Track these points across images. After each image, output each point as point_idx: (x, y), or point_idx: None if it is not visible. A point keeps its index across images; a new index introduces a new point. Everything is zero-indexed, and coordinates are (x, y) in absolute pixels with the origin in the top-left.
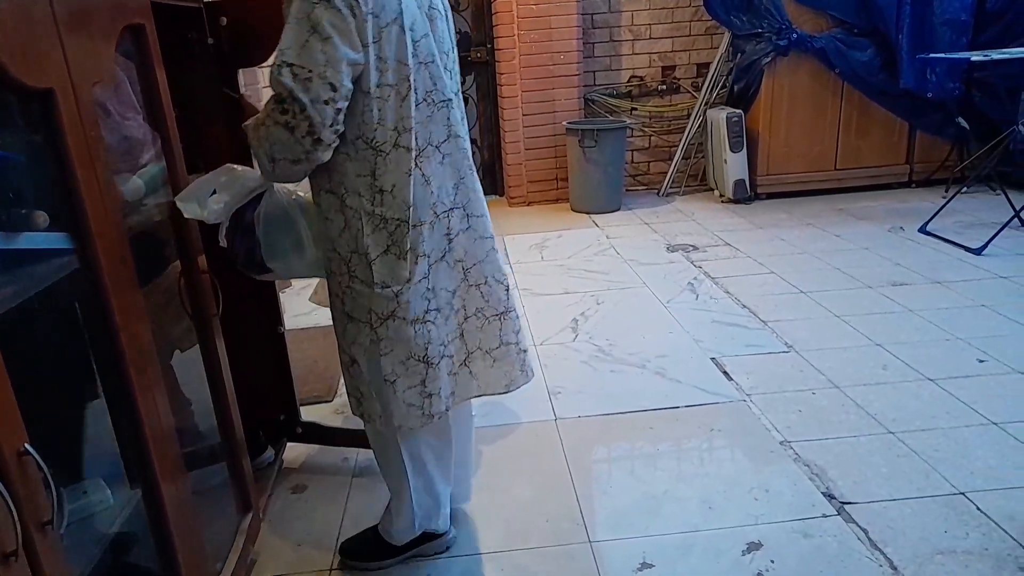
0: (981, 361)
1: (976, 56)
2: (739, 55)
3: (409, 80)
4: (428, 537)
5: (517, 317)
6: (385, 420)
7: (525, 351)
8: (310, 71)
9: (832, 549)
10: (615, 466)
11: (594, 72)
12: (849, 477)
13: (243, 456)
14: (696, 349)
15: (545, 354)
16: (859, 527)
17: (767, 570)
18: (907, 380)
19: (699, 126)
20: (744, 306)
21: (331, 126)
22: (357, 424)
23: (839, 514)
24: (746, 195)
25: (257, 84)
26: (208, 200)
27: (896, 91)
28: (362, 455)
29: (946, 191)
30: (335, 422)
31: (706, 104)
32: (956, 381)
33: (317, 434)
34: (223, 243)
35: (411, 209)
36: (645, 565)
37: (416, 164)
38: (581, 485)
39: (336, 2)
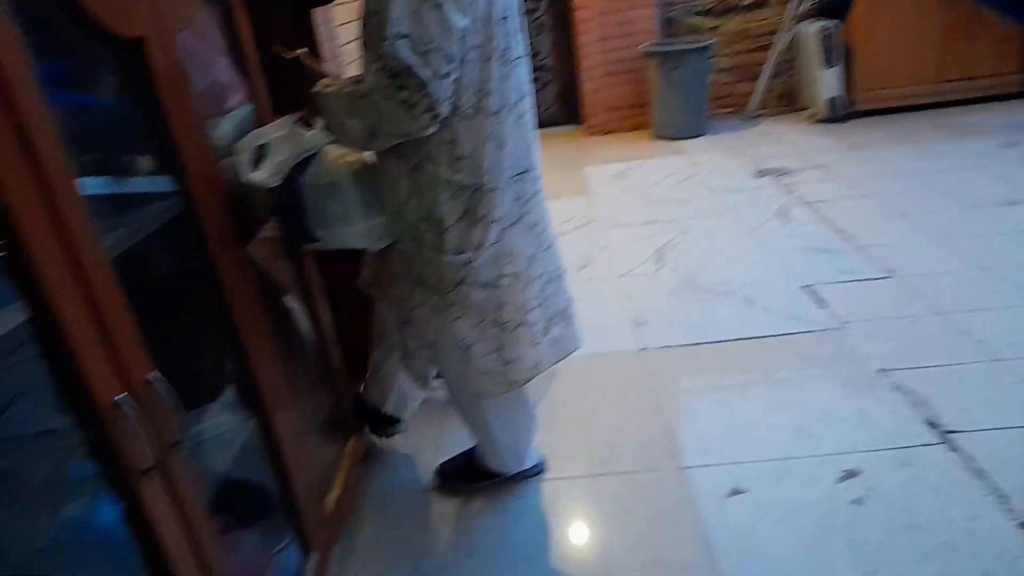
0: None
1: None
2: None
3: (493, 40)
4: None
5: None
6: (449, 384)
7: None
8: (428, 43)
9: (934, 478)
10: (703, 396)
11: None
12: (953, 405)
13: (345, 385)
14: (787, 277)
15: (629, 286)
16: (964, 456)
17: (864, 497)
18: (1018, 304)
19: (789, 42)
20: (839, 231)
21: (448, 99)
22: None
23: (942, 443)
24: (840, 113)
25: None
26: (258, 160)
27: None
28: None
29: None
30: None
31: (796, 17)
32: None
33: None
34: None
35: (486, 174)
36: (736, 491)
37: (492, 128)
38: (668, 414)
39: None
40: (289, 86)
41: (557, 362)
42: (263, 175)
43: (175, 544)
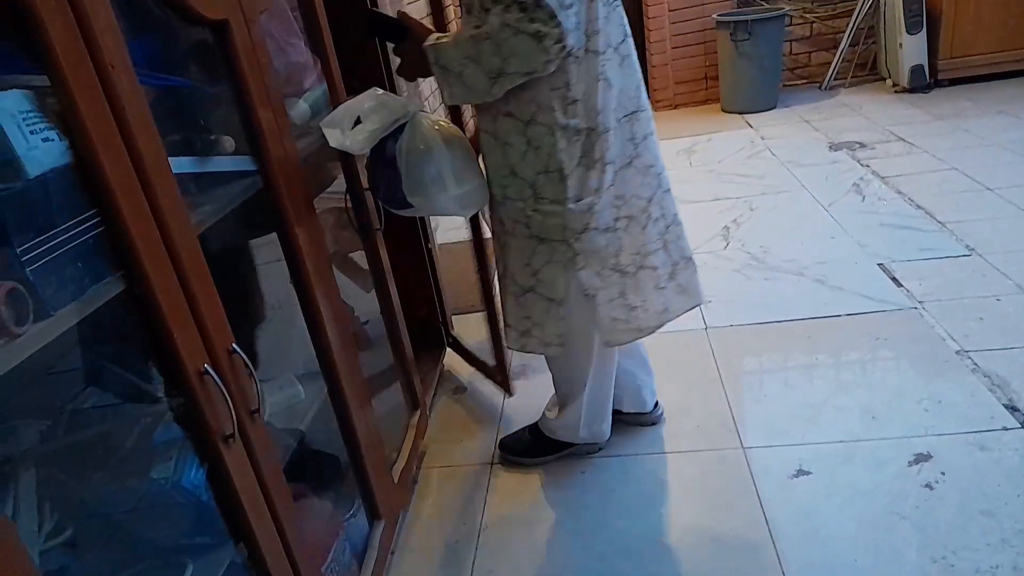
0: None
1: None
2: None
3: None
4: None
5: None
6: (568, 339)
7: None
8: None
9: (1012, 462)
10: (769, 375)
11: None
12: None
13: (410, 359)
14: (861, 254)
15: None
16: None
17: (937, 481)
18: None
19: (870, 7)
20: (918, 207)
21: (574, 30)
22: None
23: (1023, 427)
24: (924, 83)
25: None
26: (351, 129)
27: None
28: (516, 360)
29: None
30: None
31: None
32: None
33: (457, 349)
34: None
35: (599, 116)
36: (801, 472)
37: (601, 68)
38: (733, 393)
39: None
40: (395, 45)
41: (687, 311)
42: (356, 144)
43: (254, 507)
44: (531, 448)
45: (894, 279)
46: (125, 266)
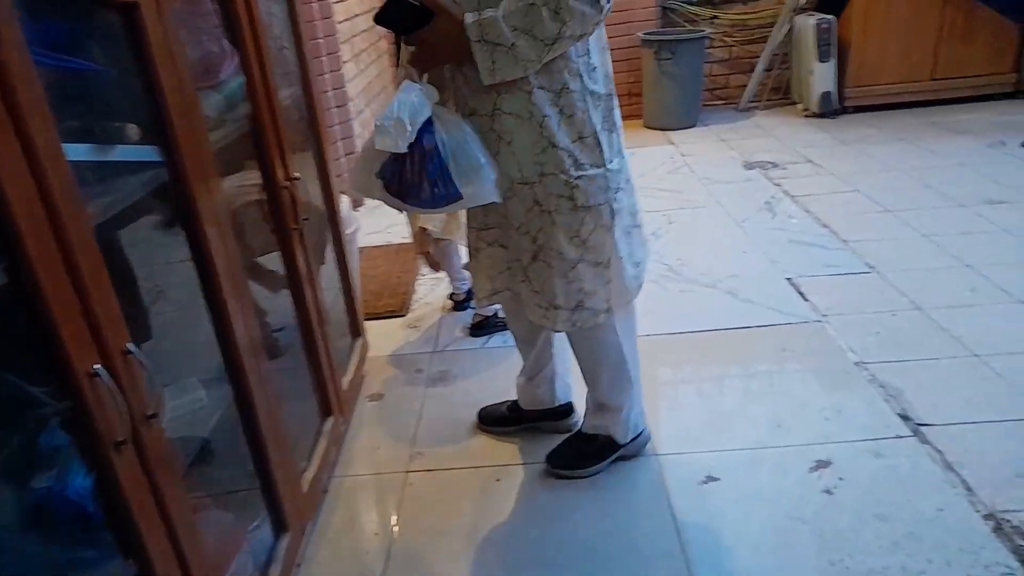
0: None
1: None
2: None
3: None
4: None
5: None
6: (613, 302)
7: None
8: None
9: (904, 469)
10: (682, 385)
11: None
12: (927, 400)
13: (325, 364)
14: (771, 269)
15: None
16: (934, 449)
17: (835, 487)
18: (997, 303)
19: (785, 34)
20: (824, 225)
21: None
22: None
23: (914, 435)
24: (832, 108)
25: None
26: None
27: None
28: (435, 367)
29: None
30: (408, 335)
31: (794, 10)
32: None
33: None
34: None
35: (610, 82)
36: (710, 478)
37: (604, 37)
38: (647, 401)
39: None
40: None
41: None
42: (406, 141)
43: (145, 518)
44: (582, 458)
45: (801, 293)
46: (9, 255)
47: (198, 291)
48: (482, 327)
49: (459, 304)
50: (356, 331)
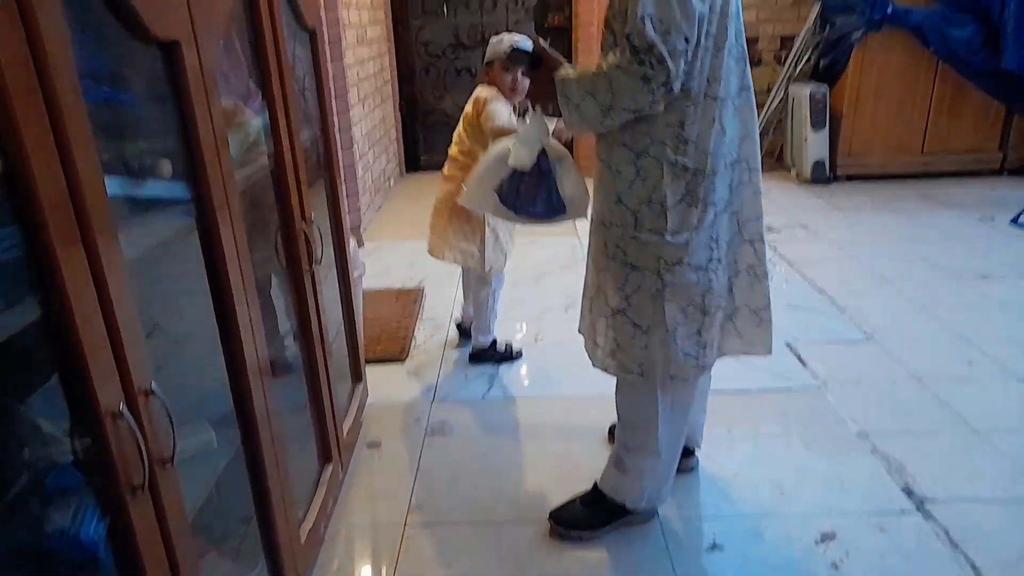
0: None
1: None
2: (828, 28)
3: (726, 32)
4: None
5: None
6: (648, 368)
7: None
8: (668, 23)
9: (910, 546)
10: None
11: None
12: (929, 474)
13: (329, 410)
14: None
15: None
16: (939, 526)
17: (842, 561)
18: (995, 378)
19: (780, 101)
20: (821, 291)
21: (680, 76)
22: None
23: (918, 511)
24: (825, 176)
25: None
26: (527, 147)
27: (996, 71)
28: (434, 416)
29: None
30: (408, 382)
31: (789, 78)
32: None
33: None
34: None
35: (709, 158)
36: (715, 547)
37: (717, 113)
38: None
39: None
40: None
41: (738, 355)
42: (522, 161)
43: (156, 567)
44: (587, 519)
45: (800, 359)
46: (44, 289)
47: (202, 324)
48: (480, 357)
49: (464, 332)
50: (357, 376)
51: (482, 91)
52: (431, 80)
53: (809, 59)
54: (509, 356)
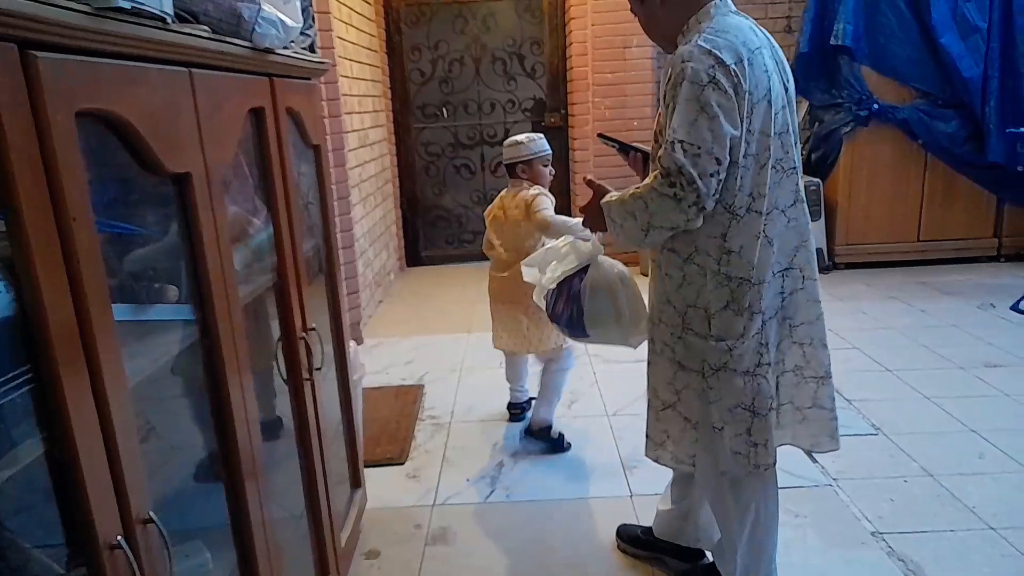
0: None
1: None
2: (817, 124)
3: (769, 150)
4: None
5: (832, 385)
6: (700, 462)
7: (836, 419)
8: (699, 147)
9: None
10: None
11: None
12: None
13: (327, 524)
14: None
15: (619, 425)
16: None
17: None
18: (1007, 471)
19: None
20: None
21: (712, 196)
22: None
23: None
24: (824, 265)
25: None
26: (547, 268)
27: (983, 163)
28: (435, 522)
29: None
30: (407, 485)
31: None
32: None
33: None
34: (543, 305)
35: (754, 269)
36: None
37: (762, 227)
38: (659, 566)
39: (723, 84)
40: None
41: (808, 450)
42: (548, 281)
43: None
44: None
45: (809, 454)
46: (49, 426)
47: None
48: (538, 436)
49: (515, 416)
50: (356, 482)
51: (525, 190)
52: (431, 178)
53: (801, 153)
54: (561, 445)
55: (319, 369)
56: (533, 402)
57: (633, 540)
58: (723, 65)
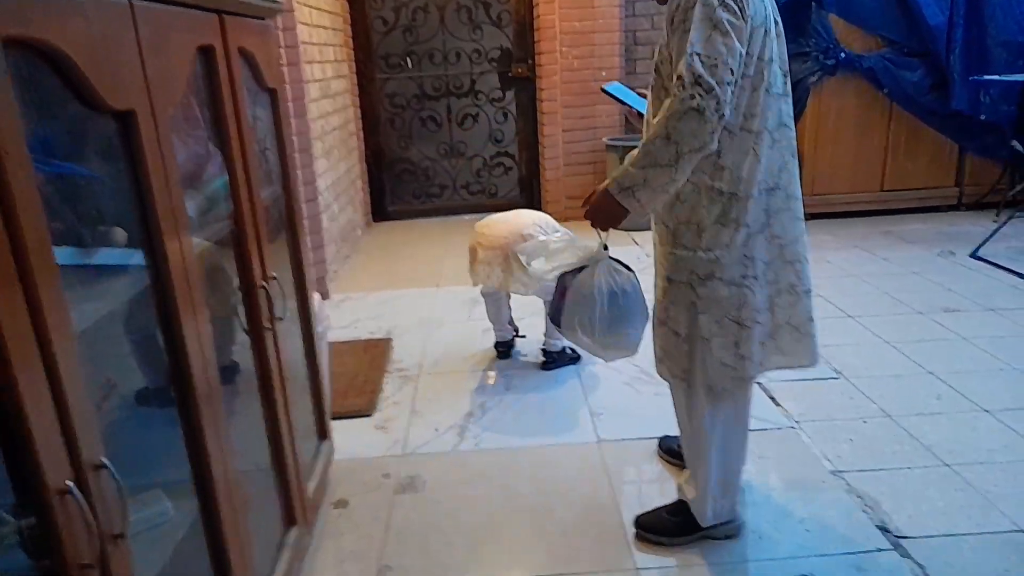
0: None
1: None
2: None
3: (763, 74)
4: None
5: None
6: (690, 376)
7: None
8: (716, 59)
9: None
10: (659, 491)
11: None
12: (904, 511)
13: (294, 472)
14: None
15: (586, 375)
16: (916, 563)
17: None
18: (962, 411)
19: None
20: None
21: (730, 103)
22: None
23: (894, 549)
24: None
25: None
26: (535, 261)
27: (947, 112)
28: (404, 472)
29: (997, 215)
30: (376, 436)
31: None
32: (1014, 413)
33: None
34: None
35: (742, 184)
36: None
37: (752, 145)
38: (626, 509)
39: (732, 5)
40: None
41: (782, 368)
42: (541, 269)
43: None
44: (669, 527)
45: (772, 398)
46: None
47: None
48: (554, 361)
49: (502, 354)
50: (323, 433)
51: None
52: (397, 130)
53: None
54: (577, 357)
55: (281, 319)
56: (518, 339)
57: (670, 451)
58: None
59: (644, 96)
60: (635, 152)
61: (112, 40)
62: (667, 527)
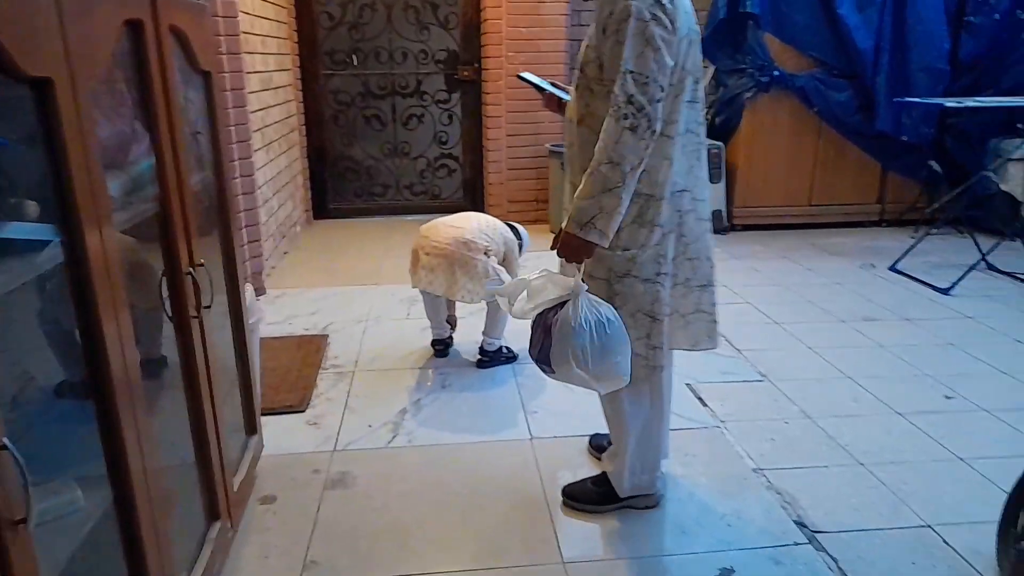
0: (948, 398)
1: (951, 103)
2: (721, 88)
3: (683, 83)
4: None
5: (715, 291)
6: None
7: (716, 322)
8: (647, 77)
9: None
10: None
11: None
12: (820, 507)
13: (217, 465)
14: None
15: (521, 374)
16: (829, 556)
17: None
18: (877, 413)
19: None
20: (719, 334)
21: (660, 119)
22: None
23: (810, 543)
24: (722, 226)
25: None
26: (518, 299)
27: (871, 132)
28: (335, 467)
29: (915, 231)
30: (307, 432)
31: None
32: (924, 416)
33: None
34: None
35: (658, 187)
36: None
37: (668, 149)
38: (555, 505)
39: (663, 20)
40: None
41: (688, 349)
42: (519, 312)
43: None
44: (594, 497)
45: (700, 399)
46: None
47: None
48: (491, 359)
49: (439, 352)
50: (252, 428)
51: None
52: (340, 128)
53: (706, 117)
54: (513, 356)
55: (208, 307)
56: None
57: (600, 448)
58: (660, 4)
59: (559, 87)
60: (582, 185)
61: (30, 2)
62: (591, 496)
